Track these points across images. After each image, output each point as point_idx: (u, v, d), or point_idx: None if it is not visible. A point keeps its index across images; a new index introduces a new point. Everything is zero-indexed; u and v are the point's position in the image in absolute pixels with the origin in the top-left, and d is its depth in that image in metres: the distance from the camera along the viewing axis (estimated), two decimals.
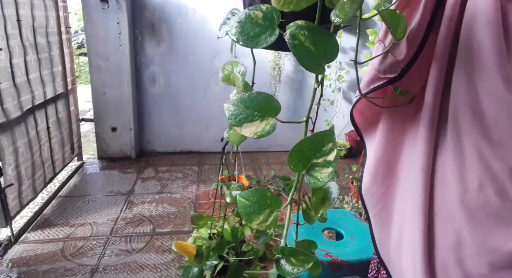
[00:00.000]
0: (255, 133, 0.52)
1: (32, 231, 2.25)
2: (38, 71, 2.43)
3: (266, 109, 0.52)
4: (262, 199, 0.52)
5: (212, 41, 3.27)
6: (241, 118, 0.52)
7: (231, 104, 0.52)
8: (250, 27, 0.47)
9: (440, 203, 0.64)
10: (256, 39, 0.47)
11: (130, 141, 3.34)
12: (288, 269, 0.50)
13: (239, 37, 0.47)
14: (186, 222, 2.41)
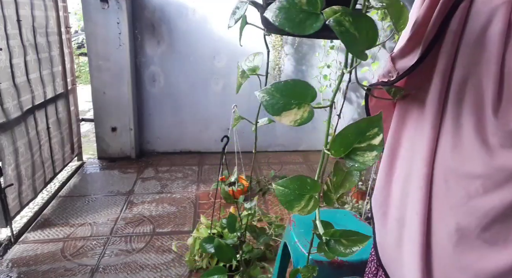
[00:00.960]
0: (295, 121, 0.51)
1: (32, 231, 2.25)
2: (38, 71, 2.43)
3: (302, 96, 0.50)
4: (302, 185, 0.51)
5: (212, 41, 3.27)
6: (279, 107, 0.50)
7: (265, 93, 0.50)
8: (294, 13, 0.45)
9: (439, 210, 0.65)
10: (302, 25, 0.45)
11: (130, 141, 3.34)
12: (340, 250, 0.50)
13: (285, 23, 0.44)
14: (186, 222, 2.41)
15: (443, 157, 0.63)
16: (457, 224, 0.61)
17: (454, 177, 0.62)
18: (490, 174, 0.57)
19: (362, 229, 1.51)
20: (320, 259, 1.30)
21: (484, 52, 0.57)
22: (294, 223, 1.51)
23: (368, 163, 0.47)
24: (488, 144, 0.57)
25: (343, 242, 0.49)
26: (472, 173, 0.59)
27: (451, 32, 0.61)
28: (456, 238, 0.61)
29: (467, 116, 0.59)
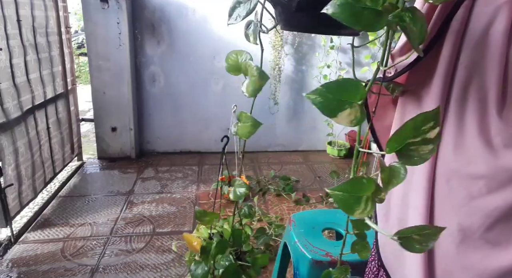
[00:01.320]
0: (351, 121, 0.49)
1: (32, 231, 2.25)
2: (38, 71, 2.43)
3: (352, 95, 0.49)
4: (359, 186, 0.49)
5: (212, 41, 3.27)
6: (334, 108, 0.49)
7: (317, 94, 0.48)
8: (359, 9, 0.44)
9: (441, 211, 0.65)
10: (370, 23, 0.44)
11: (130, 141, 3.34)
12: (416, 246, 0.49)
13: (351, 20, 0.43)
14: (186, 222, 2.41)
15: (445, 157, 0.63)
16: (460, 224, 0.61)
17: (456, 177, 0.62)
18: (493, 174, 0.57)
19: None
20: (320, 259, 1.30)
21: (488, 52, 0.57)
22: (294, 223, 1.51)
23: (425, 156, 0.46)
24: (491, 144, 0.57)
25: (416, 238, 0.48)
26: (475, 173, 0.59)
27: (453, 32, 0.61)
28: (459, 238, 0.61)
29: (470, 116, 0.59)
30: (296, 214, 1.59)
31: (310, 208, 2.64)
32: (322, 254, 1.32)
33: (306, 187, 2.97)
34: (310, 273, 1.31)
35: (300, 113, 3.65)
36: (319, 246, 1.36)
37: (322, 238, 1.45)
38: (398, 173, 0.48)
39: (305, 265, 1.30)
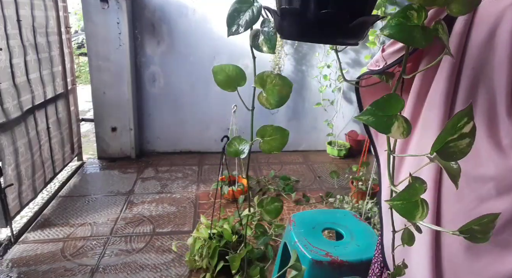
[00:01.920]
0: (402, 133, 0.52)
1: (32, 231, 2.25)
2: (38, 71, 2.43)
3: (394, 109, 0.52)
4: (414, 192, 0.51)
5: (212, 41, 3.27)
6: (387, 124, 0.52)
7: (368, 115, 0.51)
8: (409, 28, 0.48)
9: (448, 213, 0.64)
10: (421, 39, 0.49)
11: (130, 141, 3.34)
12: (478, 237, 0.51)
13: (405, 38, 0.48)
14: (186, 222, 2.41)
15: None
16: None
17: (464, 180, 0.61)
18: (503, 176, 0.56)
19: (362, 229, 1.51)
20: (320, 259, 1.30)
21: (495, 53, 0.56)
22: (294, 223, 1.51)
23: (464, 150, 0.48)
24: (501, 145, 0.57)
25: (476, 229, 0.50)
26: (484, 176, 0.58)
27: (457, 34, 0.60)
28: (468, 241, 0.61)
29: (478, 118, 0.59)
30: (296, 214, 1.59)
31: (310, 208, 2.64)
32: (322, 254, 1.32)
33: (306, 187, 2.97)
34: (310, 273, 1.31)
35: (300, 113, 3.65)
36: (319, 246, 1.36)
37: (322, 238, 1.45)
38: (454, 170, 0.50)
39: (305, 265, 1.30)
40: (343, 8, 0.53)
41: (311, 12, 0.53)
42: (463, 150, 0.47)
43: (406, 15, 0.47)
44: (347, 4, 0.53)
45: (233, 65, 0.64)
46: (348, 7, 0.53)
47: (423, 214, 0.50)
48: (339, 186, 3.01)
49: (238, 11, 0.58)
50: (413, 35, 0.47)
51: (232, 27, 0.58)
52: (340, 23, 0.53)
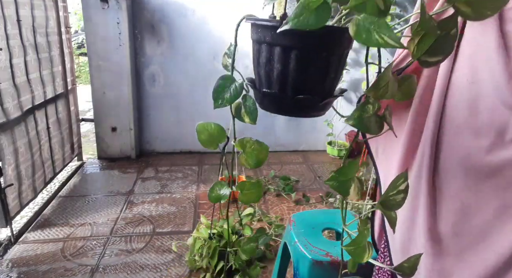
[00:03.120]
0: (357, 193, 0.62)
1: (32, 231, 2.25)
2: (38, 71, 2.43)
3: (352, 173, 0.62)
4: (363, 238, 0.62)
5: (212, 41, 3.27)
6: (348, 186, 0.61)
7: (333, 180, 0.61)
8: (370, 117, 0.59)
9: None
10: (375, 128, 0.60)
11: (130, 141, 3.34)
12: None
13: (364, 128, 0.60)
14: (186, 222, 2.41)
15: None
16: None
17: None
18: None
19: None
20: (320, 259, 1.30)
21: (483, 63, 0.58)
22: (294, 223, 1.51)
23: (400, 203, 0.61)
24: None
25: (405, 266, 0.62)
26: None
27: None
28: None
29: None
30: (296, 214, 1.59)
31: (310, 208, 2.64)
32: (322, 254, 1.32)
33: (306, 187, 2.97)
34: (310, 273, 1.31)
35: None
36: (319, 246, 1.36)
37: (322, 238, 1.45)
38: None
39: (305, 265, 1.30)
40: (315, 93, 0.63)
41: (288, 96, 0.63)
42: (399, 203, 0.59)
43: (364, 108, 0.57)
44: (318, 90, 0.63)
45: (214, 124, 0.71)
46: (319, 92, 0.63)
47: (369, 255, 0.61)
48: None
49: (222, 87, 0.64)
50: (370, 125, 0.58)
51: (218, 101, 0.64)
52: (312, 104, 0.64)
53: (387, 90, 0.55)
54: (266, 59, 0.64)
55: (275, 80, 0.64)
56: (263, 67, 0.65)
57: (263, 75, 0.66)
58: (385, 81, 0.54)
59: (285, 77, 0.62)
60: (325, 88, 0.65)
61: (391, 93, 0.56)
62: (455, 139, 0.63)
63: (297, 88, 0.62)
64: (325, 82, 0.64)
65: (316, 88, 0.63)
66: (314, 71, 0.62)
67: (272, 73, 0.63)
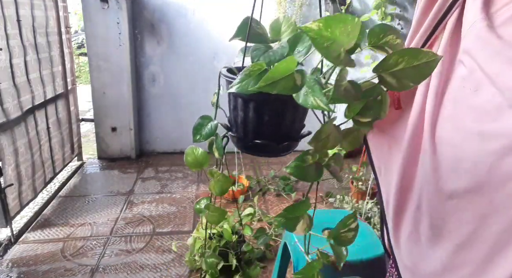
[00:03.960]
0: (304, 229, 0.67)
1: (32, 231, 2.25)
2: (38, 71, 2.43)
3: (301, 211, 0.66)
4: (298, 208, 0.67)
5: (212, 41, 3.27)
6: (294, 223, 0.67)
7: (281, 217, 0.66)
8: (308, 168, 0.64)
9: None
10: (314, 176, 0.65)
11: (130, 141, 3.34)
12: None
13: (300, 176, 0.64)
14: (186, 222, 2.41)
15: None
16: None
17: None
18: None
19: (362, 229, 1.51)
20: None
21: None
22: None
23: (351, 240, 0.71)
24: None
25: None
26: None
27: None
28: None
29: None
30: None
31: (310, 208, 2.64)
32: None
33: (306, 187, 2.97)
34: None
35: None
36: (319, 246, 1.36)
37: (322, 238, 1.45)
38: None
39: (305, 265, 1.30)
40: (271, 139, 0.71)
41: (249, 140, 0.73)
42: (350, 240, 0.67)
43: (303, 158, 0.62)
44: (275, 136, 0.72)
45: (201, 150, 0.84)
46: (275, 138, 0.71)
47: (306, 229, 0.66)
48: (339, 186, 3.01)
49: (201, 125, 0.77)
50: (308, 173, 0.63)
51: (196, 136, 0.77)
52: (271, 147, 0.72)
53: (328, 142, 0.59)
54: (233, 106, 0.74)
55: (239, 125, 0.74)
56: (232, 113, 0.75)
57: (232, 120, 0.77)
58: (326, 134, 0.59)
59: (246, 124, 0.72)
60: (281, 134, 0.73)
61: (332, 145, 0.60)
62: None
63: (256, 133, 0.72)
64: (281, 129, 0.72)
65: (272, 134, 0.72)
66: (269, 120, 0.70)
67: (237, 119, 0.74)
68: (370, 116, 0.59)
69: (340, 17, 0.47)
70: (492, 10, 0.58)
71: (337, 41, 0.48)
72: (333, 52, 0.49)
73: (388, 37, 0.56)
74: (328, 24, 0.47)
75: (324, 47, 0.47)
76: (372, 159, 0.87)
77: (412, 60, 0.52)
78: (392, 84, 0.53)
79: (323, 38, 0.47)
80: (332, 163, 0.65)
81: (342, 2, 3.02)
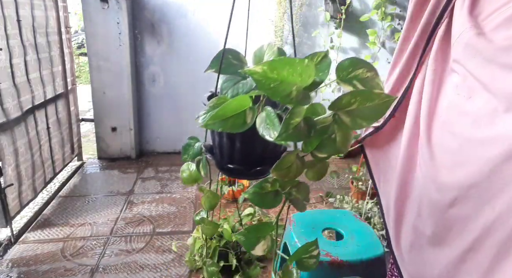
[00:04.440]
0: (264, 250, 0.69)
1: (32, 231, 2.25)
2: (38, 71, 2.43)
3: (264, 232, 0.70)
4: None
5: (212, 41, 3.27)
6: (253, 243, 0.68)
7: (241, 235, 0.67)
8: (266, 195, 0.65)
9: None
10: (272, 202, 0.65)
11: (130, 141, 3.34)
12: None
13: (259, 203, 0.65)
14: (186, 222, 2.41)
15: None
16: None
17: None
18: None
19: (362, 229, 1.51)
20: (320, 259, 1.30)
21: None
22: (294, 223, 1.51)
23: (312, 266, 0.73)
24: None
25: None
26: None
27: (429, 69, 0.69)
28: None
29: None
30: (296, 214, 1.59)
31: (310, 208, 2.64)
32: (322, 254, 1.32)
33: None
34: (310, 273, 1.31)
35: None
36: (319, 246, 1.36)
37: (322, 238, 1.45)
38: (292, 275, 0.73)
39: None
40: (243, 164, 0.75)
41: (224, 163, 0.77)
42: (312, 266, 0.70)
43: (261, 186, 0.64)
44: (247, 161, 0.74)
45: (195, 168, 0.86)
46: (247, 163, 0.74)
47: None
48: (339, 186, 3.01)
49: (188, 145, 0.82)
50: (265, 201, 0.65)
51: (184, 155, 0.82)
52: (244, 172, 0.76)
53: (289, 172, 0.60)
54: (211, 131, 0.79)
55: (216, 148, 0.78)
56: (211, 135, 0.80)
57: (212, 142, 0.82)
58: (287, 164, 0.59)
59: (221, 148, 0.76)
60: (253, 161, 0.75)
61: (294, 175, 0.61)
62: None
63: (229, 158, 0.75)
64: (252, 156, 0.74)
65: (244, 160, 0.75)
66: (241, 147, 0.73)
67: (215, 143, 0.78)
68: (326, 153, 0.59)
69: (286, 60, 0.47)
70: (480, 18, 0.57)
71: (286, 82, 0.49)
72: (281, 92, 0.49)
73: (357, 71, 0.56)
74: (273, 67, 0.47)
75: (270, 88, 0.48)
76: (371, 170, 0.88)
77: (365, 101, 0.53)
78: (347, 122, 0.55)
79: (269, 80, 0.48)
80: (294, 192, 0.66)
81: (342, 2, 3.01)
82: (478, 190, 0.55)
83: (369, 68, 0.55)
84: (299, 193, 0.66)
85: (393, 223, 0.78)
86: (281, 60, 0.47)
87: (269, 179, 0.64)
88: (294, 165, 0.60)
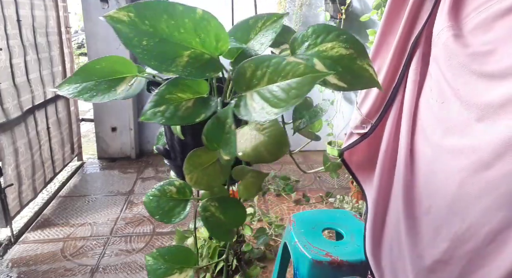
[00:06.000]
0: None
1: (32, 231, 2.25)
2: (38, 71, 2.43)
3: (185, 261, 0.54)
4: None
5: None
6: (160, 272, 0.53)
7: (151, 257, 0.55)
8: (165, 202, 0.52)
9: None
10: (170, 214, 0.53)
11: (130, 141, 3.34)
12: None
13: (154, 212, 0.52)
14: (186, 222, 2.41)
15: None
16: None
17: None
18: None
19: (362, 229, 1.51)
20: (320, 259, 1.30)
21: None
22: (294, 223, 1.51)
23: None
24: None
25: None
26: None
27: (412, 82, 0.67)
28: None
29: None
30: (296, 214, 1.59)
31: (310, 208, 2.64)
32: (322, 254, 1.32)
33: (306, 187, 2.97)
34: (310, 273, 1.31)
35: None
36: (319, 246, 1.36)
37: (322, 238, 1.45)
38: None
39: (305, 265, 1.30)
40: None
41: (177, 161, 0.70)
42: None
43: (163, 188, 0.52)
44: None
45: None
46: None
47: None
48: (339, 186, 3.01)
49: (161, 134, 0.79)
50: (162, 210, 0.56)
51: (157, 144, 0.76)
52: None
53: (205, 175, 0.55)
54: (167, 130, 0.73)
55: (176, 151, 0.72)
56: (167, 136, 0.73)
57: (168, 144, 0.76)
58: (199, 160, 0.54)
59: (173, 146, 0.70)
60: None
61: (213, 181, 0.57)
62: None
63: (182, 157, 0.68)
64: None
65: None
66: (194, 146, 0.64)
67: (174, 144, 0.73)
68: (227, 154, 0.45)
69: (164, 5, 0.27)
70: (462, 15, 0.55)
71: (169, 41, 0.28)
72: (161, 55, 0.28)
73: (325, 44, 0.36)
74: (143, 14, 0.29)
75: (142, 46, 0.28)
76: (355, 176, 0.88)
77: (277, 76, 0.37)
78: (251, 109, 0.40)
79: (141, 34, 0.27)
80: (212, 208, 0.49)
81: (342, 2, 3.01)
82: (448, 200, 0.54)
83: (346, 44, 0.35)
84: (223, 213, 0.48)
85: (372, 223, 0.78)
86: (156, 4, 0.28)
87: (177, 181, 0.49)
88: (211, 168, 0.46)
